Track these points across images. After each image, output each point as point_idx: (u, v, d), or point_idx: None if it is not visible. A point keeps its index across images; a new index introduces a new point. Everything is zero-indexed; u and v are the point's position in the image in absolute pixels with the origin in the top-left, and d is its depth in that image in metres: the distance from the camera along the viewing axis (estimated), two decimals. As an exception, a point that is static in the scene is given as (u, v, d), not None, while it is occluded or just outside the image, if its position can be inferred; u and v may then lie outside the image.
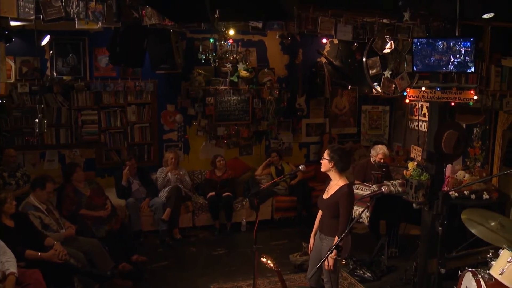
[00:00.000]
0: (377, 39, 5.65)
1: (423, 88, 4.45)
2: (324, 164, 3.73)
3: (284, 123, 7.70)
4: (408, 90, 4.63)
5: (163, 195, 6.35)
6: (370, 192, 4.92)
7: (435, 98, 4.37)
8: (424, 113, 6.89)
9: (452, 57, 4.28)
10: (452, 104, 4.39)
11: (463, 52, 4.22)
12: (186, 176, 6.72)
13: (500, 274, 3.27)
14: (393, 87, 6.14)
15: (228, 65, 6.92)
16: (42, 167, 6.51)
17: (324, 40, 7.42)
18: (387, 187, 5.20)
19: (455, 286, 3.81)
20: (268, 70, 7.38)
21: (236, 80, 7.19)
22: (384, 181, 5.42)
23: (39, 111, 4.40)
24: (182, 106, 7.11)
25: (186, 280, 5.09)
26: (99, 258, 4.73)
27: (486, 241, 3.49)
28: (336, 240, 3.47)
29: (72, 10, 3.93)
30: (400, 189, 5.19)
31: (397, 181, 5.42)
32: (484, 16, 4.65)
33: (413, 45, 4.54)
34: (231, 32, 5.69)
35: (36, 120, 4.34)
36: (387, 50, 6.13)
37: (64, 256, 4.20)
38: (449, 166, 5.06)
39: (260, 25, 4.49)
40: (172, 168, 6.56)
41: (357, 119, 8.12)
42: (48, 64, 6.43)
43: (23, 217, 4.37)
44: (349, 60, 7.69)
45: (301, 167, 4.00)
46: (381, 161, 5.67)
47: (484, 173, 5.36)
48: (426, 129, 6.36)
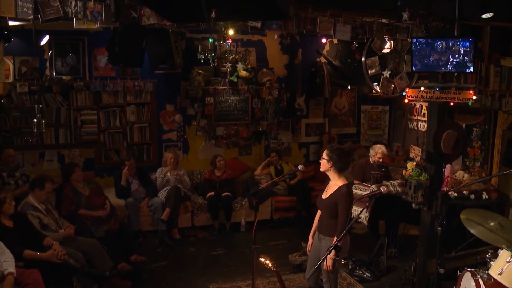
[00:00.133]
0: (376, 39, 5.64)
1: (422, 88, 4.45)
2: (323, 164, 3.73)
3: (283, 123, 7.70)
4: (407, 90, 4.63)
5: (162, 195, 6.35)
6: (369, 192, 4.91)
7: (434, 98, 4.37)
8: (424, 113, 6.88)
9: (451, 57, 4.28)
10: (451, 104, 4.39)
11: (462, 52, 4.22)
12: (185, 176, 6.71)
13: (499, 274, 3.27)
14: (392, 87, 6.13)
15: (228, 65, 6.92)
16: (41, 167, 6.51)
17: (324, 40, 7.41)
18: (386, 187, 5.18)
19: (454, 286, 3.80)
20: (268, 70, 7.37)
21: (235, 80, 7.17)
22: (383, 181, 5.43)
23: (37, 111, 4.37)
24: (181, 106, 7.10)
25: (185, 280, 5.09)
26: (98, 258, 4.72)
27: (485, 241, 3.49)
28: (335, 240, 3.46)
29: (70, 10, 3.91)
30: (399, 189, 5.20)
31: (396, 181, 5.42)
32: (483, 16, 4.64)
33: (412, 45, 4.53)
34: (231, 32, 5.69)
35: (35, 120, 4.32)
36: (386, 50, 6.11)
37: (63, 256, 4.20)
38: (448, 166, 5.05)
39: (259, 25, 4.48)
40: (171, 168, 6.56)
41: (357, 119, 8.12)
42: (47, 64, 6.42)
43: (22, 217, 4.36)
44: (349, 60, 7.67)
45: (300, 167, 4.01)
46: (380, 160, 5.68)
47: (483, 173, 5.36)
48: (425, 129, 6.35)
